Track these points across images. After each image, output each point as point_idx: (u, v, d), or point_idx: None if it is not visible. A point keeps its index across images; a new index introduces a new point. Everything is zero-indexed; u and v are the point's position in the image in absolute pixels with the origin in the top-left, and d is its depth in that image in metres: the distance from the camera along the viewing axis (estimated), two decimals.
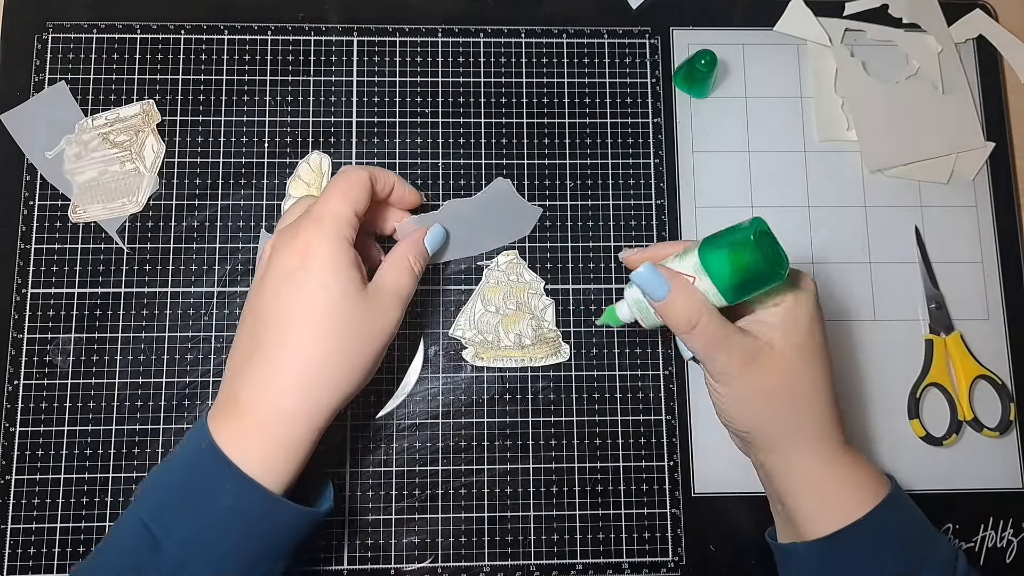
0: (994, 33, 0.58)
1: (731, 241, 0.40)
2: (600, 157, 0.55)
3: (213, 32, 0.55)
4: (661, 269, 0.42)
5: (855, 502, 0.41)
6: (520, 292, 0.52)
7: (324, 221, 0.43)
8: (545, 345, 0.52)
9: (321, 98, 0.55)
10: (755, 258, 0.39)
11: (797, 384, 0.42)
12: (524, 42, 0.56)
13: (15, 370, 0.50)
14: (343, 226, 0.43)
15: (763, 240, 0.40)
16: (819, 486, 0.42)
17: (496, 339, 0.52)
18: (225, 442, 0.39)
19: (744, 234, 0.40)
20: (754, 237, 0.39)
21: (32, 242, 0.52)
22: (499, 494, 0.50)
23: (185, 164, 0.53)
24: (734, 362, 0.41)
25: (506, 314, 0.52)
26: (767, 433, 0.43)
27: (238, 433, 0.40)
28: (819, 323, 0.43)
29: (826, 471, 0.42)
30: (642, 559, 0.50)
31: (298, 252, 0.42)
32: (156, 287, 0.52)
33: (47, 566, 0.48)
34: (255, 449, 0.39)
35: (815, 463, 0.42)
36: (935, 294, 0.53)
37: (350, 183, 0.44)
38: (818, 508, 0.42)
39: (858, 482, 0.42)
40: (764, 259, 0.39)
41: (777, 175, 0.55)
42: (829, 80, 0.56)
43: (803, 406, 0.42)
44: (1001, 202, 0.55)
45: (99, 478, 0.49)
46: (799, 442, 0.42)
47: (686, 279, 0.41)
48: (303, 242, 0.42)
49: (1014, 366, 0.53)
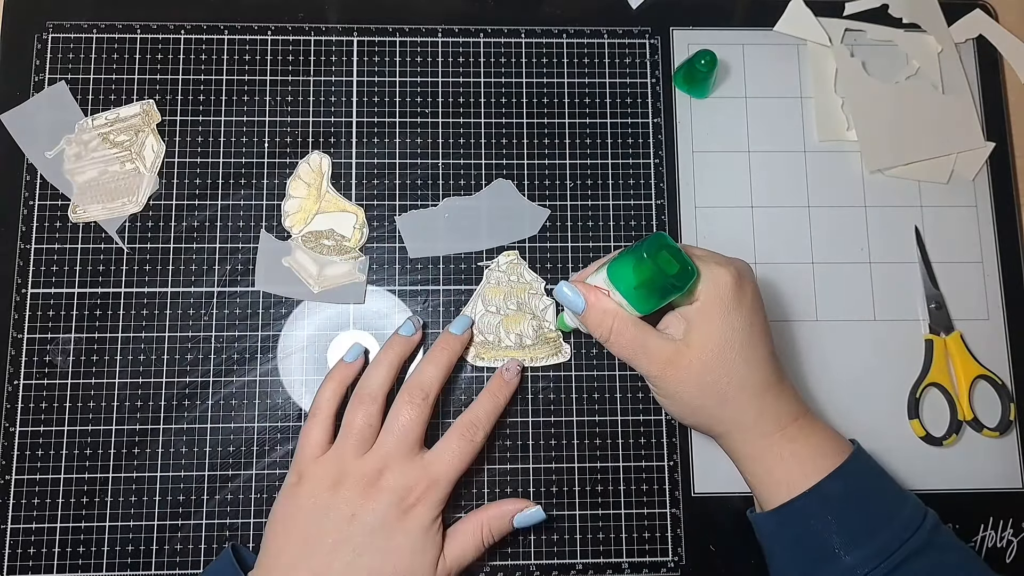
0: (994, 33, 0.58)
1: (631, 257, 0.42)
2: (600, 157, 0.55)
3: (213, 32, 0.55)
4: (578, 285, 0.44)
5: (802, 475, 0.42)
6: (521, 292, 0.52)
7: (440, 487, 0.45)
8: (546, 345, 0.52)
9: (321, 98, 0.55)
10: (652, 272, 0.41)
11: (720, 379, 0.42)
12: (524, 42, 0.56)
13: (15, 370, 0.50)
14: (450, 488, 0.46)
15: (660, 255, 0.41)
16: (765, 463, 0.43)
17: (497, 339, 0.52)
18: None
19: (639, 251, 0.42)
20: (646, 254, 0.41)
21: (32, 242, 0.52)
22: (499, 494, 0.50)
23: (185, 164, 0.53)
24: (653, 365, 0.43)
25: (507, 314, 0.52)
26: (704, 424, 0.44)
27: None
28: (741, 314, 0.42)
29: (769, 449, 0.43)
30: (642, 559, 0.50)
31: (401, 508, 0.44)
32: (156, 287, 0.52)
33: (47, 566, 0.48)
34: None
35: (757, 444, 0.43)
36: (935, 294, 0.53)
37: (470, 454, 0.46)
38: (768, 483, 0.43)
39: (807, 456, 0.43)
40: (660, 273, 0.41)
41: (777, 175, 0.55)
42: (829, 80, 0.57)
43: (732, 398, 0.43)
44: (1001, 202, 0.55)
45: (99, 478, 0.49)
46: (736, 429, 0.44)
47: (600, 293, 0.44)
48: (412, 500, 0.44)
49: (1014, 366, 0.53)
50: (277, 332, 0.52)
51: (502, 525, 0.47)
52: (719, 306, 0.42)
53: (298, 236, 0.53)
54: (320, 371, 0.51)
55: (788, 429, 0.43)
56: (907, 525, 0.41)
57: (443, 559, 0.45)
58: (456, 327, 0.50)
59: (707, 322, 0.42)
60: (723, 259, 0.44)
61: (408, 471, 0.45)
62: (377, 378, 0.47)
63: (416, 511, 0.44)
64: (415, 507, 0.44)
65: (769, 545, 0.44)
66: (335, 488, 0.44)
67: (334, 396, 0.48)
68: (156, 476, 0.50)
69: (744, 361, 0.43)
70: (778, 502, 0.42)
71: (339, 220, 0.53)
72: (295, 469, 0.46)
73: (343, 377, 0.48)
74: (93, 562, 0.49)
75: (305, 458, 0.46)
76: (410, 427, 0.46)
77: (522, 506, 0.47)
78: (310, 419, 0.47)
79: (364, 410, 0.46)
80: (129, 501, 0.49)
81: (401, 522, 0.44)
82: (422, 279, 0.53)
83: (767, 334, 0.44)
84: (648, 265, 0.41)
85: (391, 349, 0.49)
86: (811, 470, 0.42)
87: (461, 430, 0.47)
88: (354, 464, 0.45)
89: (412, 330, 0.50)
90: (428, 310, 0.52)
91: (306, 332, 0.52)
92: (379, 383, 0.47)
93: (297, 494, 0.45)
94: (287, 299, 0.52)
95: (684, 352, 0.42)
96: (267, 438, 0.50)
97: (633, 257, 0.42)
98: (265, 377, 0.51)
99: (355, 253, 0.53)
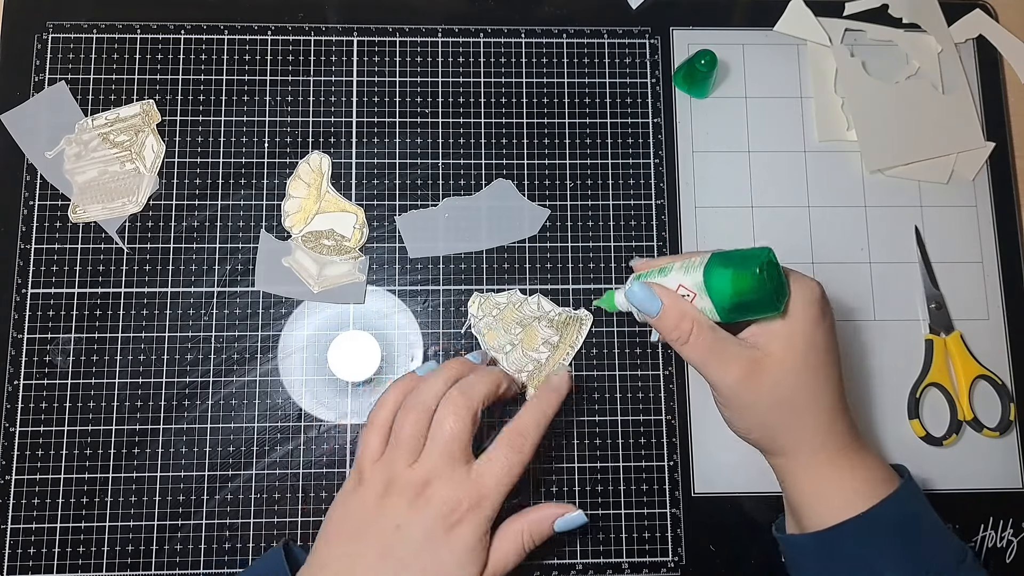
0: (994, 33, 0.58)
1: (737, 267, 0.40)
2: (600, 157, 0.55)
3: (213, 32, 0.55)
4: (654, 287, 0.43)
5: (855, 500, 0.41)
6: (509, 315, 0.52)
7: (490, 501, 0.43)
8: (568, 328, 0.51)
9: (321, 98, 0.55)
10: (757, 288, 0.40)
11: (797, 393, 0.42)
12: (524, 42, 0.56)
13: (15, 370, 0.50)
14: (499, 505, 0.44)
15: (769, 271, 0.40)
16: (820, 485, 0.43)
17: (535, 363, 0.51)
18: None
19: (751, 264, 0.40)
20: (759, 269, 0.40)
21: (32, 242, 0.52)
22: None
23: (185, 164, 0.53)
24: (730, 373, 0.42)
25: (521, 339, 0.51)
26: (769, 438, 0.44)
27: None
28: (823, 330, 0.42)
29: (828, 471, 0.43)
30: (642, 559, 0.50)
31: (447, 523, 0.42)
32: (156, 287, 0.52)
33: (47, 566, 0.48)
34: None
35: (817, 464, 0.43)
36: (935, 294, 0.53)
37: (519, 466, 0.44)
38: (818, 505, 0.43)
39: (862, 480, 0.42)
40: (765, 291, 0.40)
41: (777, 175, 0.55)
42: (829, 80, 0.56)
43: (804, 414, 0.42)
44: (1001, 202, 0.55)
45: (99, 478, 0.49)
46: (801, 447, 0.43)
47: (678, 296, 0.42)
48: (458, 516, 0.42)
49: (1014, 366, 0.53)
50: (277, 332, 0.52)
51: (543, 530, 0.45)
52: (806, 320, 0.42)
53: (298, 236, 0.53)
54: (320, 371, 0.51)
55: (847, 451, 0.43)
56: (950, 561, 0.41)
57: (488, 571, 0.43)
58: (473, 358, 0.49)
59: (793, 334, 0.41)
60: (806, 276, 0.43)
61: (455, 483, 0.43)
62: (431, 390, 0.45)
63: (462, 529, 0.42)
64: (461, 524, 0.42)
65: (805, 566, 0.43)
66: (384, 495, 0.43)
67: (396, 404, 0.46)
68: (156, 476, 0.50)
69: (822, 379, 0.42)
70: (824, 524, 0.42)
71: (339, 220, 0.53)
72: (355, 472, 0.45)
73: (408, 388, 0.46)
74: (93, 562, 0.49)
75: (365, 460, 0.44)
76: (455, 435, 0.43)
77: (563, 511, 0.45)
78: (370, 424, 0.45)
79: (413, 418, 0.44)
80: (129, 501, 0.49)
81: (447, 538, 0.42)
82: (422, 279, 0.53)
83: (839, 355, 0.44)
84: (754, 280, 0.40)
85: (451, 367, 0.47)
86: (866, 494, 0.41)
87: (509, 439, 0.44)
88: (402, 472, 0.43)
89: (479, 360, 0.49)
90: (428, 310, 0.52)
91: (306, 332, 0.52)
92: (432, 394, 0.45)
93: (353, 498, 0.44)
94: (287, 299, 0.52)
95: (764, 362, 0.41)
96: (267, 438, 0.50)
97: (739, 269, 0.40)
98: (265, 377, 0.51)
99: (355, 253, 0.53)
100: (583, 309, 0.52)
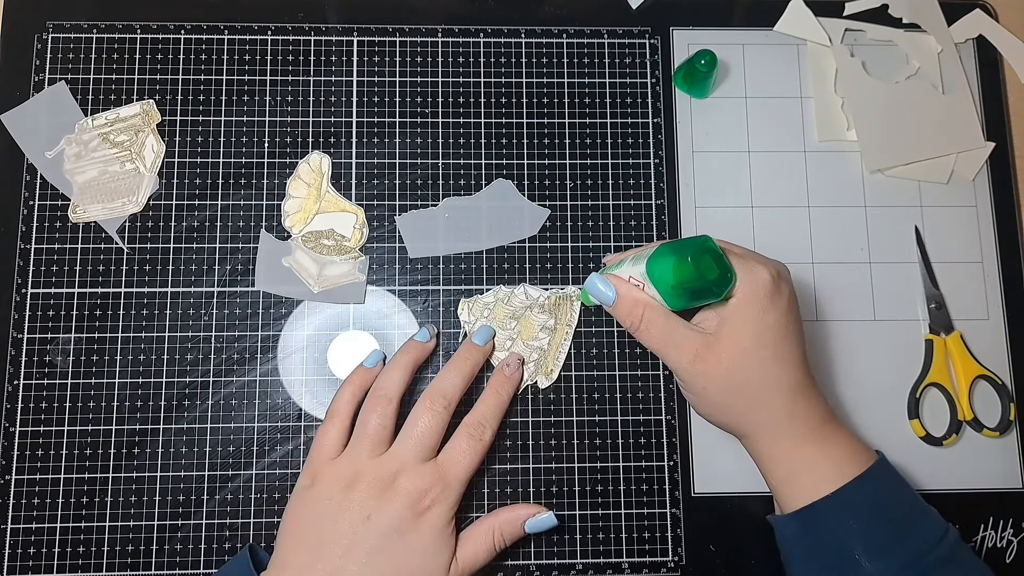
0: (994, 33, 0.58)
1: (671, 256, 0.42)
2: (600, 157, 0.55)
3: (213, 32, 0.55)
4: (609, 277, 0.45)
5: (823, 481, 0.42)
6: (500, 311, 0.52)
7: (453, 489, 0.45)
8: (560, 307, 0.51)
9: (321, 98, 0.55)
10: (695, 275, 0.41)
11: (752, 375, 0.42)
12: (524, 42, 0.56)
13: (15, 370, 0.50)
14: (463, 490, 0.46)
15: (703, 259, 0.41)
16: (790, 467, 0.43)
17: (540, 349, 0.51)
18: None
19: (686, 252, 0.41)
20: (690, 257, 0.41)
21: (32, 242, 0.52)
22: (499, 494, 0.50)
23: (185, 164, 0.53)
24: (684, 356, 0.43)
25: (519, 332, 0.51)
26: (733, 423, 0.44)
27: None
28: (776, 313, 0.42)
29: (796, 453, 0.43)
30: (642, 559, 0.50)
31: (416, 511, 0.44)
32: (156, 287, 0.52)
33: (47, 566, 0.48)
34: None
35: (784, 447, 0.43)
36: (935, 294, 0.53)
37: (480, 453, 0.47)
38: (790, 487, 0.43)
39: (831, 462, 0.42)
40: (700, 277, 0.41)
41: (777, 175, 0.55)
42: (829, 80, 0.56)
43: (763, 396, 0.43)
44: (1001, 202, 0.55)
45: (99, 478, 0.49)
46: (764, 430, 0.43)
47: (630, 284, 0.44)
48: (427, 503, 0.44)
49: (1014, 366, 0.53)
50: (277, 332, 0.52)
51: (514, 530, 0.47)
52: (754, 303, 0.42)
53: (298, 236, 0.53)
54: (320, 371, 0.51)
55: (815, 433, 0.43)
56: (929, 538, 0.41)
57: (455, 563, 0.45)
58: (479, 337, 0.50)
59: (740, 318, 0.42)
60: (762, 258, 0.44)
61: (423, 474, 0.45)
62: (393, 380, 0.48)
63: (430, 514, 0.44)
64: (429, 509, 0.44)
65: (789, 549, 0.44)
66: (350, 489, 0.44)
67: (352, 399, 0.48)
68: (156, 476, 0.50)
69: (776, 361, 0.42)
70: (800, 505, 0.42)
71: (339, 220, 0.53)
72: (308, 470, 0.46)
73: (362, 381, 0.49)
74: (93, 562, 0.49)
75: (320, 459, 0.46)
76: (428, 433, 0.46)
77: (534, 511, 0.47)
78: (327, 421, 0.47)
79: (380, 411, 0.46)
80: (129, 501, 0.49)
81: (415, 524, 0.44)
82: (422, 279, 0.53)
83: (800, 337, 0.44)
84: (689, 267, 0.41)
85: (407, 353, 0.49)
86: (835, 475, 0.42)
87: (469, 430, 0.47)
88: (369, 465, 0.45)
89: (427, 337, 0.50)
90: (428, 310, 0.52)
91: (306, 332, 0.52)
92: (395, 385, 0.47)
93: (311, 495, 0.45)
94: (287, 299, 0.52)
95: (714, 345, 0.42)
96: (267, 438, 0.50)
97: (675, 257, 0.42)
98: (265, 377, 0.51)
99: (355, 253, 0.53)
100: (570, 286, 0.52)
